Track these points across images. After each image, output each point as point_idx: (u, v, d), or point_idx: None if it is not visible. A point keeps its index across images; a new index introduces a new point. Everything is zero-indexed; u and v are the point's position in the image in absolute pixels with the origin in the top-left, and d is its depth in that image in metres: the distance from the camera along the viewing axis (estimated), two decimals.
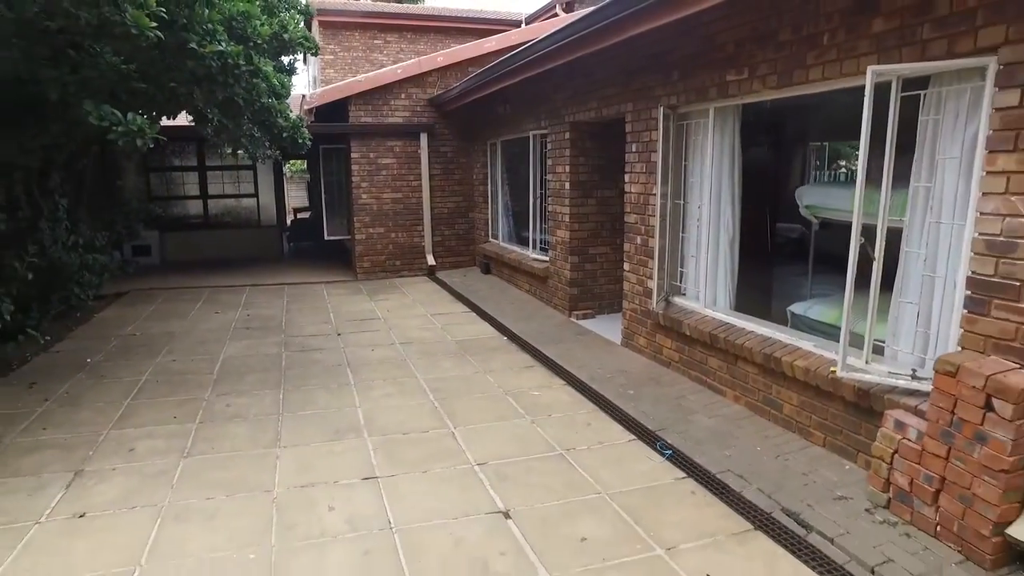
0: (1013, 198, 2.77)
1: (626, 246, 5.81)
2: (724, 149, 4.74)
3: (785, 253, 6.59)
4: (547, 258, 7.57)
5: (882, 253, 3.41)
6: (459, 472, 3.65)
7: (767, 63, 4.06)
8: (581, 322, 6.89)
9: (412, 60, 9.66)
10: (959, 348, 3.06)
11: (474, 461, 3.78)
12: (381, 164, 9.56)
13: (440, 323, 7.10)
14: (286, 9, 5.06)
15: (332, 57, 14.02)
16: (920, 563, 2.78)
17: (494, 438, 4.10)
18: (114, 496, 3.39)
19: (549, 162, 7.24)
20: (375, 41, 14.11)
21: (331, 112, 9.61)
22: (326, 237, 10.59)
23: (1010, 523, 2.71)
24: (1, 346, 5.38)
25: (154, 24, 3.21)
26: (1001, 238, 2.83)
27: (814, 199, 4.85)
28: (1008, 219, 2.80)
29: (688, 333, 4.93)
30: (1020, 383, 2.64)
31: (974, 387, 2.77)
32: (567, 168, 6.80)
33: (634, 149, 5.54)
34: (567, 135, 6.74)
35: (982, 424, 2.74)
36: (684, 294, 5.30)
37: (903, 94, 3.27)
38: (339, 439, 4.09)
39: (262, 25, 3.92)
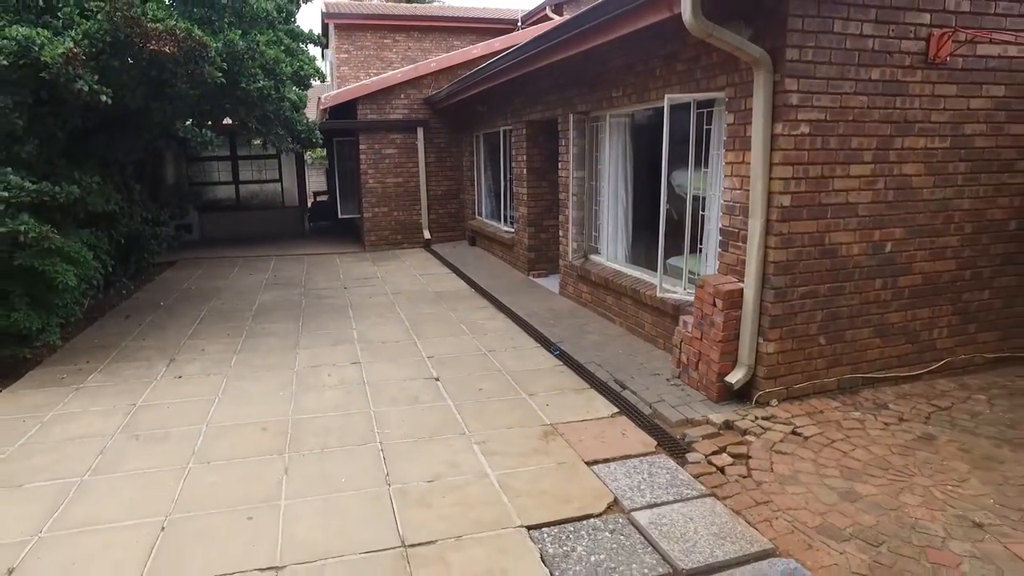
0: (733, 178, 4.76)
1: (560, 217, 7.87)
2: (618, 144, 6.74)
3: (668, 221, 8.47)
4: (513, 230, 9.65)
5: (690, 215, 5.42)
6: (414, 361, 5.80)
7: (631, 85, 6.06)
8: (536, 280, 8.96)
9: (410, 66, 11.77)
10: (717, 272, 5.07)
11: (425, 356, 5.92)
12: (384, 154, 11.72)
13: (425, 280, 9.26)
14: (305, 43, 7.21)
15: (346, 55, 16.18)
16: (679, 400, 4.82)
17: (443, 345, 6.23)
18: (197, 370, 5.62)
19: (513, 152, 9.30)
20: (385, 40, 16.22)
21: (343, 109, 11.77)
22: (339, 216, 12.82)
23: (727, 374, 4.73)
24: (105, 292, 7.71)
25: (219, 74, 5.36)
26: (730, 203, 4.82)
27: (681, 180, 6.80)
28: (732, 191, 4.79)
29: (595, 280, 6.98)
30: (727, 288, 4.66)
31: (709, 293, 4.79)
32: (525, 157, 8.86)
33: (563, 143, 7.57)
34: (524, 131, 8.78)
35: (712, 315, 4.77)
36: (598, 252, 7.34)
37: (698, 111, 5.26)
38: (338, 345, 6.27)
39: (286, 66, 6.06)
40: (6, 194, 4.85)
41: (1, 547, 3.14)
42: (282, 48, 6.19)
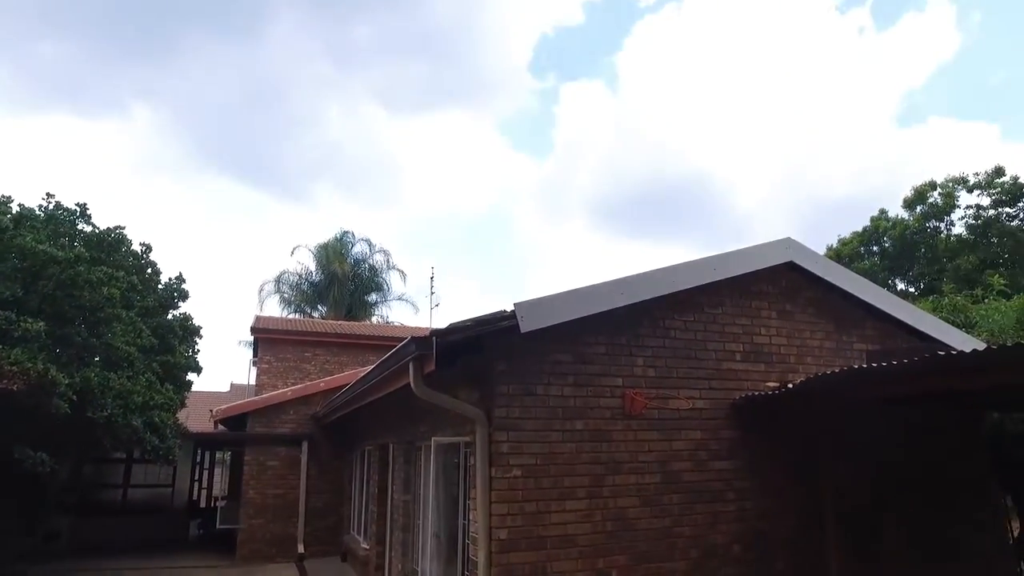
0: (473, 512, 5.75)
1: (390, 538, 8.57)
2: (431, 471, 7.82)
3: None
4: (368, 546, 10.15)
5: (463, 542, 6.27)
6: None
7: (428, 423, 7.39)
8: None
9: (300, 385, 13.41)
10: None
11: None
12: (268, 465, 12.61)
13: None
14: (184, 372, 8.76)
15: (267, 365, 18.00)
16: None
17: None
18: None
19: (370, 471, 10.32)
20: (305, 353, 18.25)
21: (237, 420, 12.98)
22: (218, 526, 13.11)
23: None
24: None
25: (66, 404, 6.62)
26: (473, 534, 5.73)
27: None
28: (473, 524, 5.73)
29: None
30: None
31: None
32: (377, 477, 9.85)
33: (394, 468, 8.66)
34: (377, 453, 9.94)
35: None
36: (416, 572, 7.90)
37: (464, 450, 6.49)
38: None
39: (138, 397, 7.44)
40: None
41: None
42: (145, 382, 7.63)
